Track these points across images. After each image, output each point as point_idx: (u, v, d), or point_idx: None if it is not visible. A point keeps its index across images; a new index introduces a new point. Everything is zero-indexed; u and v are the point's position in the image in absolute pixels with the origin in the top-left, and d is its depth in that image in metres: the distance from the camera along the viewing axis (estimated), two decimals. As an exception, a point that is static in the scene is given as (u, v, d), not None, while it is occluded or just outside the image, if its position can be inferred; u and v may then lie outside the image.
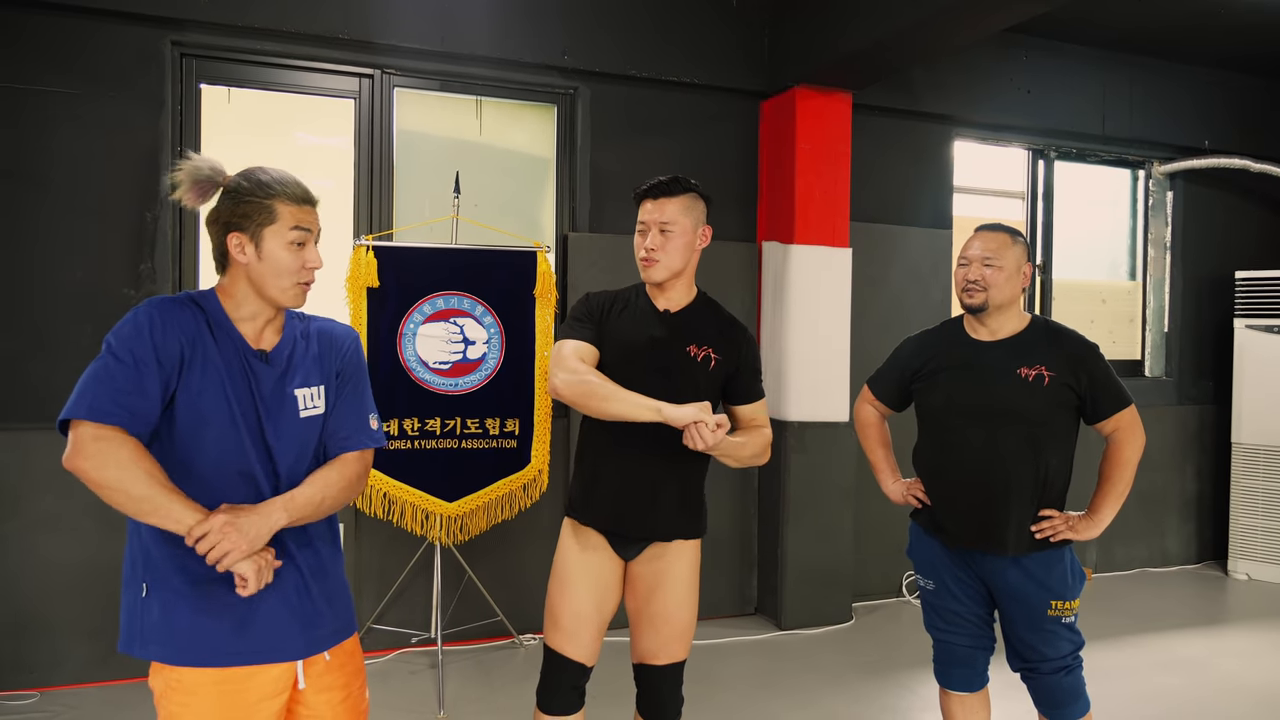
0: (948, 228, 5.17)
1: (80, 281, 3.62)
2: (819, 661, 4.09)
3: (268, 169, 1.73)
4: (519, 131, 4.42)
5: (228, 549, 1.57)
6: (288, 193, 1.71)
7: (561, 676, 2.28)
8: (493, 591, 4.11)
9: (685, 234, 2.26)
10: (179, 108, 3.79)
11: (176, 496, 1.57)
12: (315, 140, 4.12)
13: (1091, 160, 5.72)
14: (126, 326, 1.62)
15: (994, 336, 2.47)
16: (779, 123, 4.58)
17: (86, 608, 3.61)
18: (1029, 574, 2.39)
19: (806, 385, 4.50)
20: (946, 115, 5.08)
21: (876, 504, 4.88)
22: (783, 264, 4.51)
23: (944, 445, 2.48)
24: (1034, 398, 2.36)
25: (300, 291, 1.74)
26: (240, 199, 1.68)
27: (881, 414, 2.78)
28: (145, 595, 1.66)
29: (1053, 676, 2.42)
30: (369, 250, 3.69)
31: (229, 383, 1.67)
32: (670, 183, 2.28)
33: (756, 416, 2.35)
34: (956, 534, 2.45)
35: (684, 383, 2.24)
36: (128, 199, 3.68)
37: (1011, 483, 2.37)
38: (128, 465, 1.56)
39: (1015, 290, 2.44)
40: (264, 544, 1.63)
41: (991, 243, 2.43)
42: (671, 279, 2.29)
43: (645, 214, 2.28)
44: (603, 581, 2.30)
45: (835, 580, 4.58)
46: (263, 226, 1.68)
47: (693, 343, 2.28)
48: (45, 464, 3.54)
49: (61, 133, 3.58)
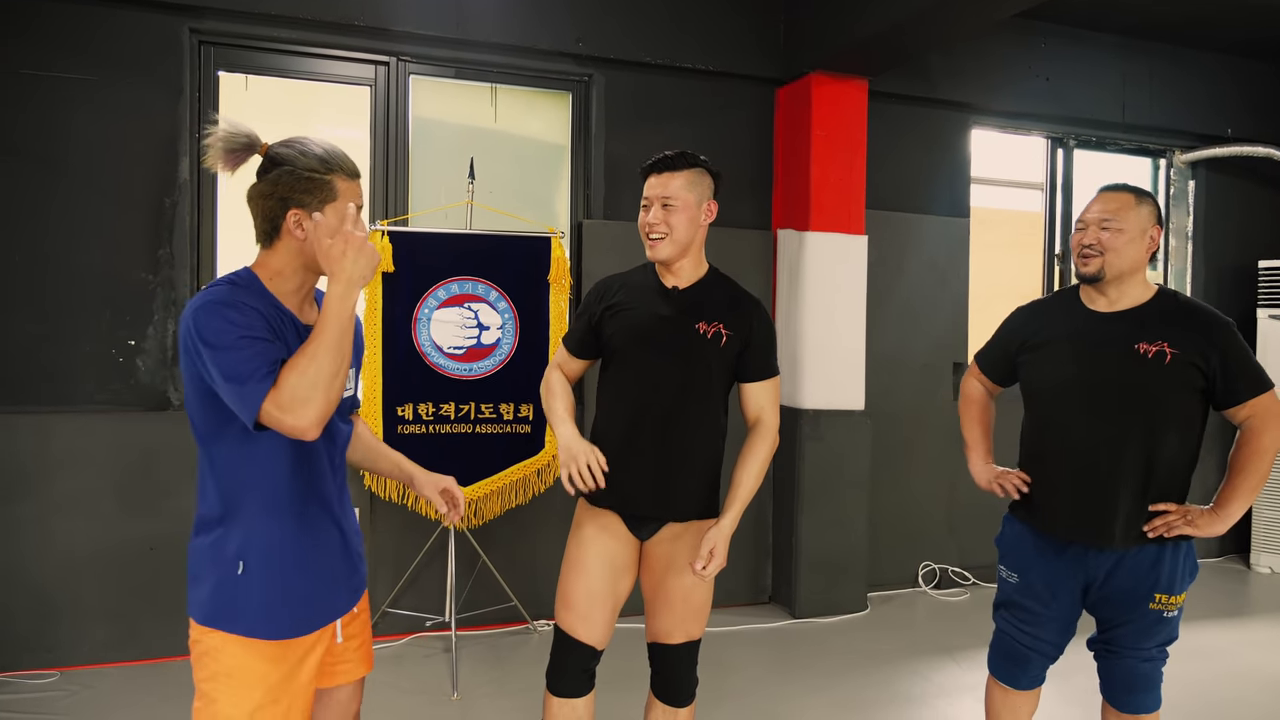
0: (965, 216, 5.13)
1: (98, 266, 3.66)
2: (833, 650, 4.07)
3: (313, 141, 1.69)
4: (533, 119, 4.43)
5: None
6: (344, 168, 1.69)
7: (571, 658, 2.25)
8: (506, 576, 4.11)
9: (689, 208, 2.21)
10: (197, 95, 3.82)
11: None
12: (331, 132, 4.14)
13: (1112, 149, 5.65)
14: (224, 316, 1.55)
15: (1112, 307, 2.24)
16: (794, 110, 4.56)
17: (105, 589, 3.64)
18: (1135, 566, 2.20)
19: (822, 373, 4.48)
20: (964, 103, 5.04)
21: (892, 493, 4.87)
22: (798, 251, 4.49)
23: (1048, 425, 2.29)
24: (1151, 376, 2.13)
25: None
26: (301, 175, 1.65)
27: (988, 391, 2.57)
28: (241, 572, 1.65)
29: (1134, 662, 2.26)
30: (384, 235, 3.71)
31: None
32: (675, 157, 2.24)
33: (763, 403, 2.27)
34: (1059, 524, 2.26)
35: (695, 362, 2.21)
36: (146, 185, 3.72)
37: (1121, 469, 2.16)
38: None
39: (1139, 256, 2.20)
40: None
41: (1112, 203, 2.21)
42: (678, 255, 2.24)
43: (649, 189, 2.24)
44: (617, 562, 2.27)
45: (850, 570, 4.56)
46: (325, 203, 1.66)
47: (701, 319, 2.22)
48: (63, 446, 3.59)
49: (80, 119, 3.62)
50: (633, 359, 2.21)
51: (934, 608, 4.70)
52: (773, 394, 2.30)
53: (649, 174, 2.26)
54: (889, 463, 4.88)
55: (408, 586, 4.07)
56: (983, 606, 4.69)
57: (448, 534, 3.88)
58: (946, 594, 4.89)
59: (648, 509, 2.26)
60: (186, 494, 3.73)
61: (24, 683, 3.47)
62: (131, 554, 3.68)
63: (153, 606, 3.70)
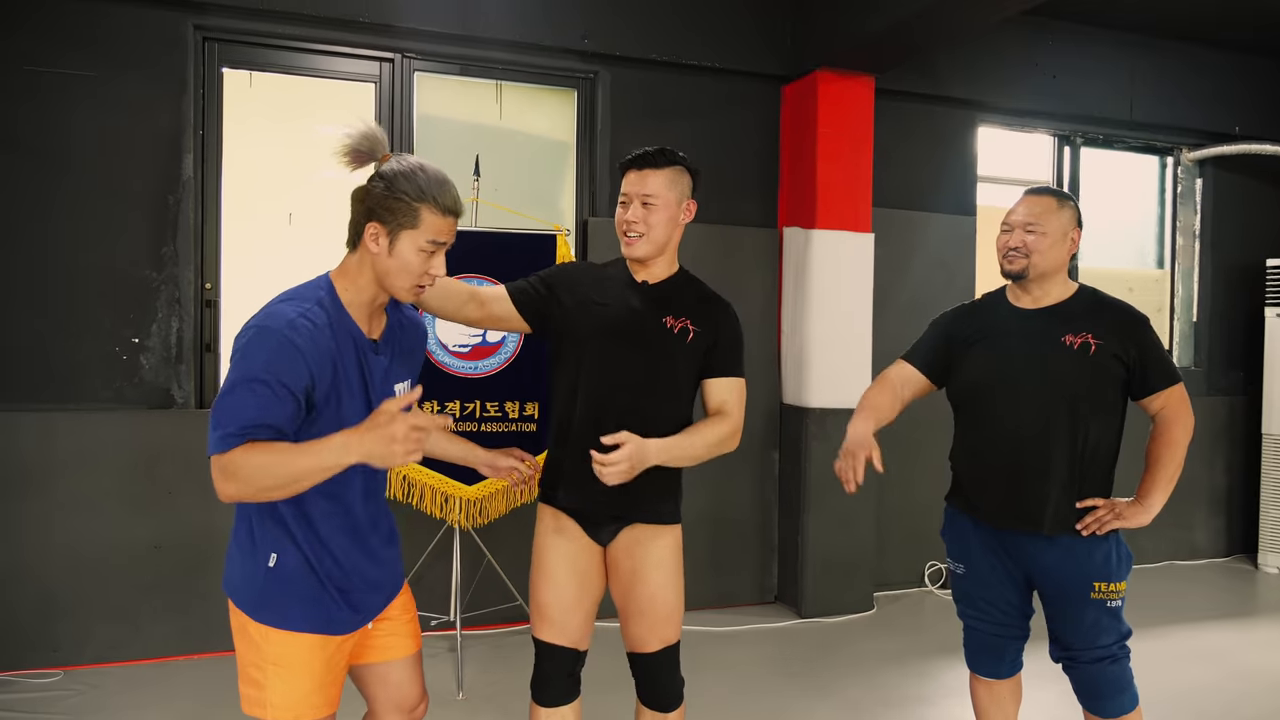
0: (972, 214, 5.11)
1: (101, 263, 3.64)
2: (840, 650, 4.05)
3: (428, 168, 1.71)
4: (539, 116, 4.41)
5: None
6: (439, 202, 1.69)
7: (552, 665, 2.21)
8: (511, 576, 4.09)
9: (668, 208, 2.16)
10: (201, 91, 3.80)
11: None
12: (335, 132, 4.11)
13: (1119, 147, 5.63)
14: (269, 351, 1.57)
15: (1038, 304, 2.34)
16: (800, 107, 4.54)
17: (109, 588, 3.62)
18: (1069, 554, 2.26)
19: (828, 372, 4.45)
20: (971, 100, 5.01)
21: (899, 493, 4.84)
22: (804, 249, 4.47)
23: (979, 419, 2.38)
24: (1078, 366, 2.23)
25: (417, 293, 1.76)
26: (392, 193, 1.67)
27: (903, 383, 2.51)
28: (273, 566, 1.71)
29: (1094, 666, 2.28)
30: (389, 233, 3.68)
31: (349, 393, 1.70)
32: (656, 154, 2.16)
33: (726, 397, 2.20)
34: (990, 512, 2.34)
35: (660, 355, 2.16)
36: (150, 182, 3.70)
37: (1050, 456, 2.24)
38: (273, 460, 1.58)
39: (1060, 257, 2.30)
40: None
41: (1036, 207, 2.30)
42: (655, 254, 2.19)
43: (628, 185, 2.17)
44: (581, 567, 2.21)
45: (856, 569, 4.53)
46: (403, 227, 1.67)
47: (669, 314, 2.18)
48: (66, 445, 3.57)
49: (83, 115, 3.60)
50: (596, 350, 2.14)
51: (940, 607, 4.68)
52: (737, 392, 2.22)
53: (628, 169, 2.19)
54: (894, 461, 4.80)
55: (412, 586, 4.03)
56: (989, 606, 4.67)
57: (452, 533, 3.86)
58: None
59: (600, 508, 2.18)
60: (190, 493, 3.71)
61: (27, 682, 3.45)
62: (136, 553, 3.66)
63: (157, 606, 3.68)
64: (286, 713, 1.72)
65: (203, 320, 3.83)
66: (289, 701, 1.72)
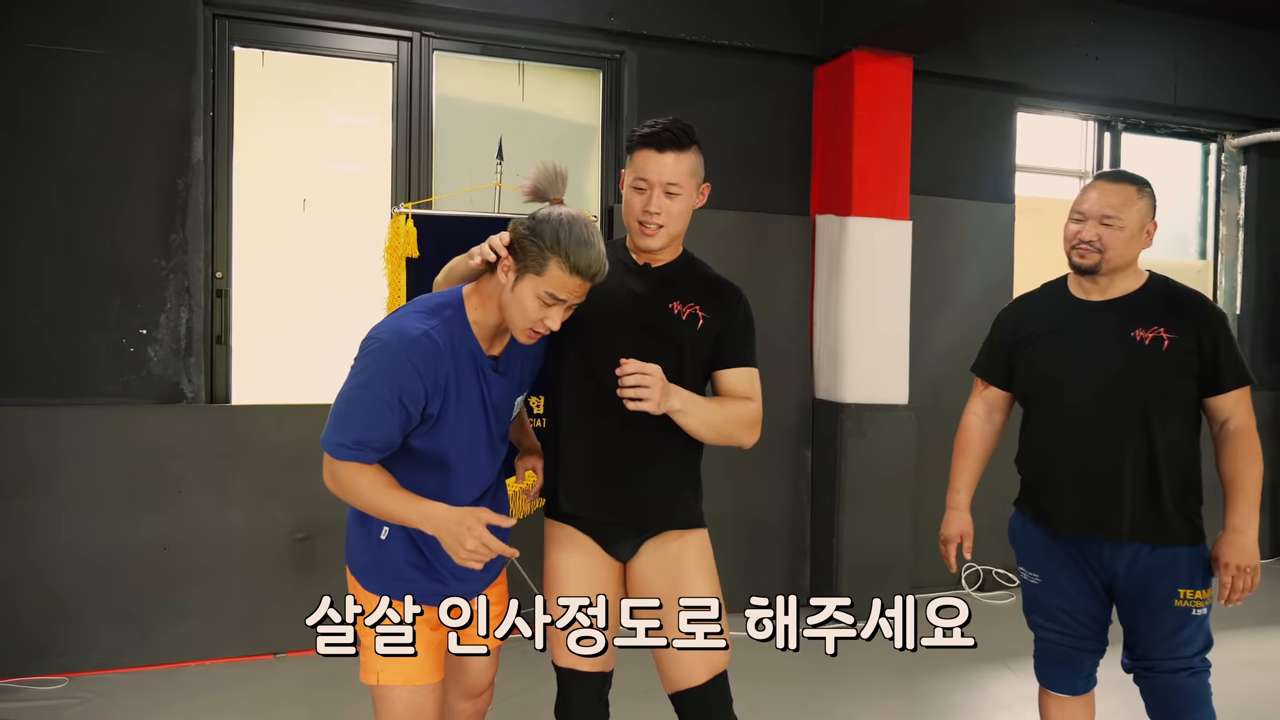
0: (1010, 202, 4.91)
1: (107, 251, 3.48)
2: (879, 656, 3.84)
3: (578, 225, 1.72)
4: (562, 98, 4.23)
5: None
6: (570, 259, 1.69)
7: (579, 692, 1.99)
8: (537, 577, 3.92)
9: (689, 196, 1.97)
10: (211, 71, 3.63)
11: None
12: (348, 120, 3.94)
13: (1161, 133, 5.42)
14: (386, 368, 1.69)
15: (1105, 295, 2.17)
16: (835, 89, 4.35)
17: (116, 590, 3.47)
18: (1152, 561, 2.11)
19: (864, 366, 4.27)
20: (1009, 83, 4.82)
21: (933, 492, 4.65)
22: (839, 238, 4.28)
23: (1048, 421, 2.21)
24: (1151, 362, 2.08)
25: (529, 336, 1.78)
26: (532, 235, 1.71)
27: (993, 411, 2.41)
28: (384, 538, 1.84)
29: (1172, 676, 2.11)
30: (408, 219, 3.51)
31: (466, 410, 1.79)
32: (679, 133, 1.93)
33: (742, 388, 2.01)
34: (1064, 520, 2.17)
35: (668, 343, 1.96)
36: (158, 166, 3.53)
37: (1123, 459, 2.09)
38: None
39: (1136, 252, 2.14)
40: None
41: (1113, 197, 2.11)
42: (669, 245, 2.01)
43: (648, 169, 1.93)
44: (600, 579, 2.00)
45: (892, 571, 4.35)
46: (529, 271, 1.70)
47: (676, 299, 1.99)
48: (73, 441, 3.41)
49: (89, 95, 3.44)
50: (596, 339, 1.93)
51: (979, 611, 4.45)
52: (754, 382, 2.03)
53: (646, 148, 1.94)
54: (930, 460, 4.65)
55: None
56: (1031, 610, 4.48)
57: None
58: (991, 597, 4.68)
59: (619, 517, 1.99)
60: (201, 490, 3.55)
61: (31, 689, 3.30)
62: (144, 554, 3.50)
63: (166, 609, 3.53)
64: (394, 677, 1.84)
65: (213, 310, 3.67)
66: (397, 666, 1.82)
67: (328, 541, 3.66)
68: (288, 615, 3.60)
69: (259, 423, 3.64)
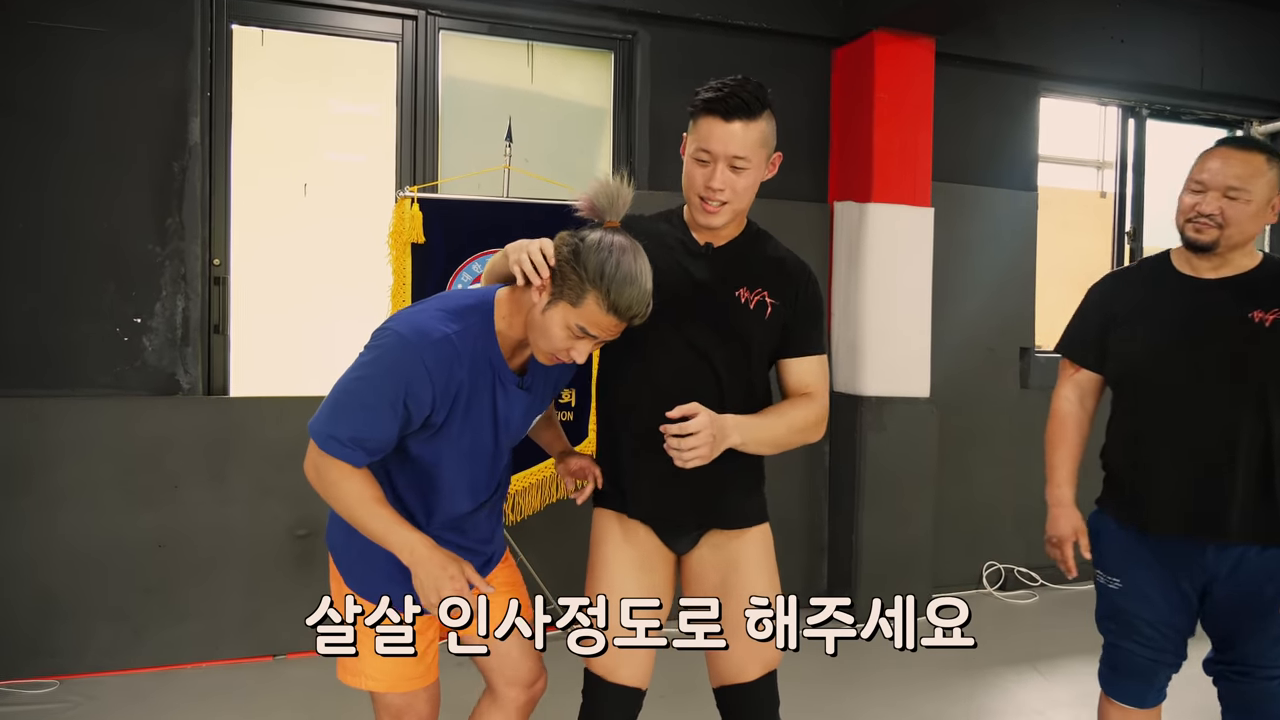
0: (1033, 190, 4.76)
1: (101, 236, 3.34)
2: (900, 658, 3.70)
3: (626, 259, 1.58)
4: (572, 80, 4.09)
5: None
6: (609, 297, 1.56)
7: (613, 707, 1.86)
8: (545, 577, 3.78)
9: (759, 169, 1.78)
10: (209, 49, 3.48)
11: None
12: (351, 102, 3.80)
13: (1186, 119, 5.26)
14: (397, 368, 1.56)
15: (1217, 273, 1.99)
16: (854, 71, 4.20)
17: (109, 589, 3.33)
18: (1262, 568, 1.93)
19: (885, 358, 4.12)
20: (1032, 66, 4.67)
21: (954, 488, 4.52)
22: (858, 225, 4.14)
23: (1146, 408, 2.02)
24: (1269, 345, 1.89)
25: (549, 360, 1.67)
26: (574, 261, 1.57)
27: (1086, 395, 2.20)
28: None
29: (1269, 684, 1.95)
30: (414, 203, 3.38)
31: (472, 423, 1.68)
32: (752, 99, 1.73)
33: (808, 379, 1.88)
34: (1160, 518, 1.99)
35: (734, 338, 1.81)
36: (153, 147, 3.39)
37: (1235, 452, 1.90)
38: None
39: (1259, 229, 1.96)
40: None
41: (1239, 166, 1.92)
42: (733, 222, 1.84)
43: (713, 139, 1.73)
44: (653, 580, 1.88)
45: (913, 569, 4.21)
46: (564, 298, 1.58)
47: (743, 285, 1.83)
48: (64, 434, 3.28)
49: (82, 74, 3.30)
50: (656, 331, 1.76)
51: (1002, 611, 4.35)
52: (821, 371, 1.90)
53: (711, 114, 1.74)
54: (950, 454, 4.52)
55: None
56: (1054, 610, 4.35)
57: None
58: (1013, 596, 4.53)
59: (682, 518, 1.88)
60: (197, 485, 3.42)
61: (21, 692, 3.16)
62: (138, 551, 3.37)
63: (161, 609, 3.39)
64: (380, 683, 1.75)
65: (210, 299, 3.53)
66: (382, 671, 1.73)
67: (330, 539, 3.52)
68: (288, 615, 3.47)
69: (258, 415, 3.50)
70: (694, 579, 1.92)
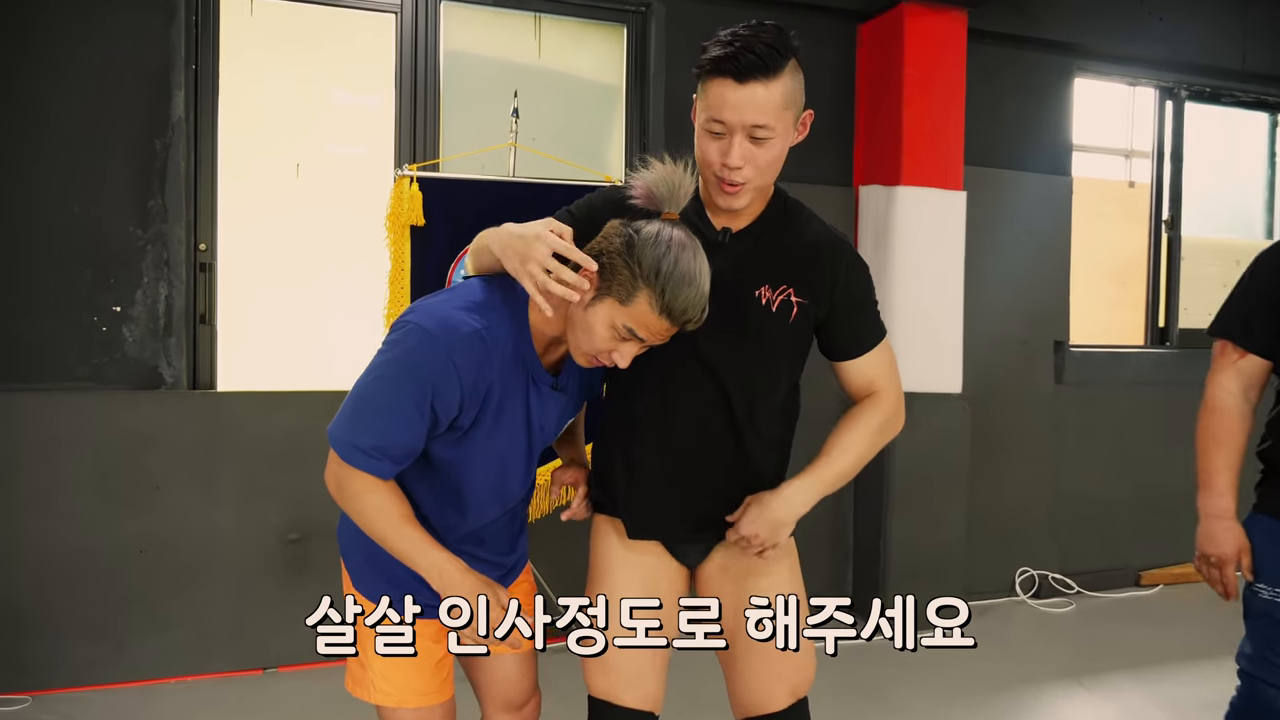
0: (1067, 175, 4.52)
1: (77, 219, 3.12)
2: (934, 672, 3.48)
3: (685, 256, 1.40)
4: (582, 54, 3.86)
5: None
6: (664, 298, 1.39)
7: None
8: (554, 584, 3.55)
9: (785, 136, 1.50)
10: (193, 19, 3.26)
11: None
12: (347, 76, 3.57)
13: (1226, 102, 5.01)
14: (420, 366, 1.39)
15: None
16: (882, 47, 3.97)
17: (87, 598, 3.11)
18: None
19: (915, 351, 3.88)
20: (1067, 44, 4.43)
21: (985, 489, 4.28)
22: (886, 210, 3.90)
23: None
24: None
25: (588, 361, 1.51)
26: (626, 254, 1.40)
27: (1250, 386, 1.90)
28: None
29: None
30: (413, 182, 3.14)
31: (504, 424, 1.52)
32: (769, 52, 1.44)
33: (870, 375, 1.65)
34: None
35: (754, 340, 1.58)
36: (133, 124, 3.17)
37: None
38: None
39: None
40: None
41: None
42: (756, 201, 1.59)
43: (724, 106, 1.45)
44: (660, 592, 1.67)
45: (945, 576, 3.97)
46: (612, 295, 1.40)
47: (764, 281, 1.57)
48: (37, 432, 3.06)
49: (55, 44, 3.08)
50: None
51: (1037, 621, 4.11)
52: (885, 362, 1.67)
53: (722, 75, 1.46)
54: (981, 454, 4.28)
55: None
56: (1092, 620, 4.11)
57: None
58: (1048, 604, 4.29)
59: (691, 529, 1.70)
60: (181, 486, 3.20)
61: (-11, 710, 2.95)
62: (118, 558, 3.15)
63: (143, 619, 3.17)
64: (389, 697, 1.63)
65: (196, 286, 3.31)
66: (391, 685, 1.62)
67: (324, 544, 3.29)
68: (280, 625, 3.26)
69: (247, 411, 3.28)
70: (704, 591, 1.72)
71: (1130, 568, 4.60)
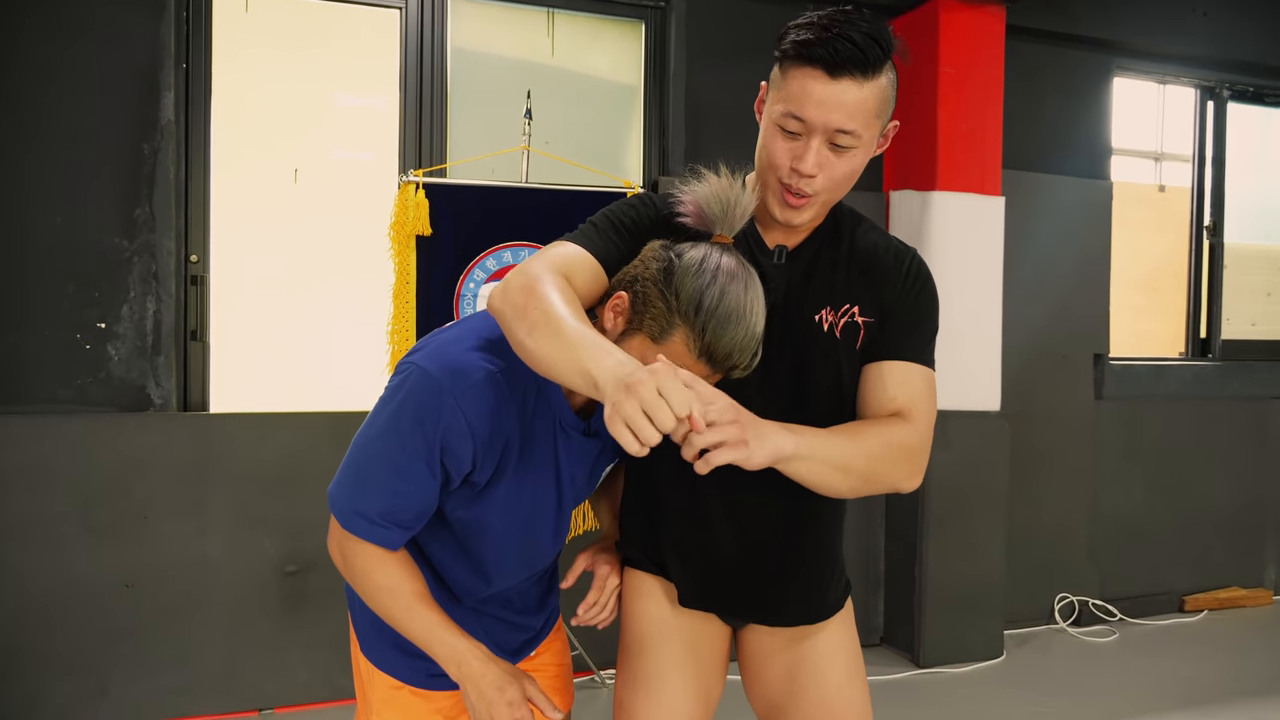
0: (1106, 179, 4.30)
1: (59, 229, 2.92)
2: (977, 711, 3.26)
3: (734, 289, 1.18)
4: (598, 53, 3.65)
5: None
6: (704, 338, 1.17)
7: None
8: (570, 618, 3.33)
9: (868, 148, 1.30)
10: (184, 14, 3.07)
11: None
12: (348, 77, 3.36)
13: (1269, 102, 4.78)
14: (425, 421, 1.19)
15: None
16: (915, 43, 3.74)
17: (69, 635, 2.91)
18: None
19: (950, 366, 3.59)
20: (1107, 41, 4.21)
21: (1023, 512, 4.05)
22: (920, 216, 3.68)
23: None
24: None
25: None
26: (664, 284, 1.19)
27: None
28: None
29: None
30: (419, 189, 2.94)
31: (529, 476, 1.31)
32: (869, 45, 1.21)
33: (893, 390, 1.35)
34: None
35: (815, 370, 1.36)
36: (119, 126, 2.98)
37: None
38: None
39: None
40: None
41: None
42: (819, 216, 1.38)
43: (809, 102, 1.23)
44: (702, 657, 1.49)
45: (983, 605, 3.74)
46: (643, 330, 1.20)
47: (825, 303, 1.36)
48: (17, 458, 2.86)
49: (37, 42, 2.88)
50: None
51: (1080, 651, 3.88)
52: (915, 383, 1.36)
53: (815, 68, 1.23)
54: (1019, 475, 4.05)
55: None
56: (1138, 649, 3.88)
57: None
58: (1089, 633, 4.06)
59: (743, 611, 1.51)
60: (170, 515, 2.98)
61: (-38, 759, 2.73)
62: (102, 592, 2.94)
63: (129, 659, 2.96)
64: None
65: (187, 301, 3.11)
66: None
67: (323, 576, 3.08)
68: (275, 664, 3.05)
69: (241, 434, 3.07)
70: (754, 664, 1.53)
71: (1174, 592, 4.37)
